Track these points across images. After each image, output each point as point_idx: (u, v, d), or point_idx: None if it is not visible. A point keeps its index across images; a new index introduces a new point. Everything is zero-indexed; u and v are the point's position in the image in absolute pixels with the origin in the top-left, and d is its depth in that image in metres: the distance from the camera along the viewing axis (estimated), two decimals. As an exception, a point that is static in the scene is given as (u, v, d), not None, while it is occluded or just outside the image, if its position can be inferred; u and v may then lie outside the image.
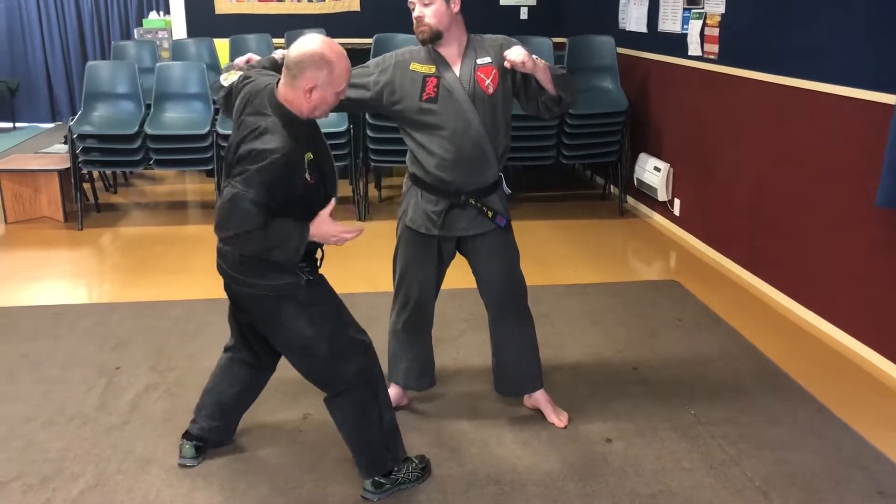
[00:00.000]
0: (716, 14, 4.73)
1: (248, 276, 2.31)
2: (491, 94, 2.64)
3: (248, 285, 2.33)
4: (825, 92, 3.77)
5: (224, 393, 2.67)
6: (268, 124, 2.18)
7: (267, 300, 2.34)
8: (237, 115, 2.30)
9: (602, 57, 5.93)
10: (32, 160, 5.88)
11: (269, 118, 2.20)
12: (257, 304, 2.37)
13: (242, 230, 2.16)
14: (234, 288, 2.39)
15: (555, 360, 3.46)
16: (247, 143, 2.18)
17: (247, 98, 2.30)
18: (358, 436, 2.49)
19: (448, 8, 2.58)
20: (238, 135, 2.25)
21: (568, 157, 5.77)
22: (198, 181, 6.95)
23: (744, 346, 3.63)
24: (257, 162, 2.12)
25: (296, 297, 2.34)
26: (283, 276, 2.31)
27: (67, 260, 4.86)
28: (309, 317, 2.36)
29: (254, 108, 2.25)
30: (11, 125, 9.87)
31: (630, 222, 5.69)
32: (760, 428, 2.93)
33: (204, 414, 2.68)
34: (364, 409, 2.46)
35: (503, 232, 2.83)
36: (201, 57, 6.59)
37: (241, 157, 2.18)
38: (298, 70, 2.17)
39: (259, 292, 2.33)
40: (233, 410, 2.72)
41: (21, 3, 9.88)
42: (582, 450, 2.79)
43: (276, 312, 2.35)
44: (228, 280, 2.38)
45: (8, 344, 3.61)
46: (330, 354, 2.38)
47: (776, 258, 4.23)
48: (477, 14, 7.48)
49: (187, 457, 2.67)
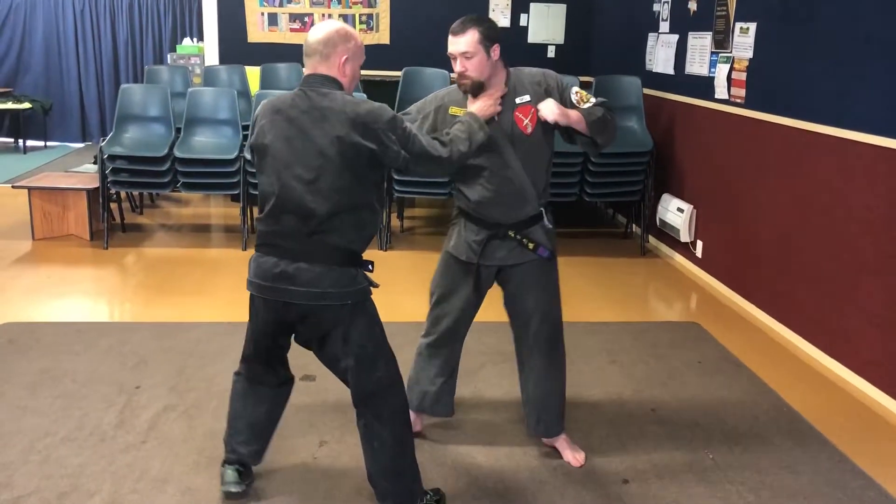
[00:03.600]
0: (743, 59, 4.76)
1: (339, 284, 2.30)
2: (529, 133, 2.67)
3: (335, 297, 2.30)
4: (851, 139, 3.78)
5: (254, 415, 2.61)
6: (343, 102, 2.27)
7: (345, 309, 2.33)
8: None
9: (628, 97, 5.96)
10: (62, 179, 5.99)
11: (335, 96, 2.29)
12: (333, 316, 2.34)
13: (445, 156, 2.39)
14: (306, 308, 2.32)
15: (573, 398, 3.43)
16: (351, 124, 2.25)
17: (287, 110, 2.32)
18: (393, 465, 2.47)
19: (489, 58, 2.61)
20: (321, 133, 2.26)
21: (591, 195, 5.79)
22: (222, 205, 7.03)
23: (764, 391, 3.59)
24: (381, 117, 2.27)
25: (366, 307, 2.39)
26: (363, 281, 2.36)
27: (91, 278, 4.92)
28: (376, 332, 2.41)
29: (320, 113, 2.27)
30: (43, 144, 10.06)
31: (651, 262, 5.67)
32: (780, 476, 2.89)
33: (240, 440, 2.61)
34: (403, 439, 2.46)
35: (544, 264, 2.83)
36: (232, 84, 6.71)
37: (366, 132, 2.25)
38: (329, 47, 2.32)
39: (342, 301, 2.32)
40: (266, 429, 2.66)
41: (59, 26, 10.14)
42: (598, 489, 2.76)
43: (350, 322, 2.35)
44: (306, 300, 2.30)
45: (30, 359, 3.65)
46: (387, 372, 2.43)
47: (798, 303, 4.20)
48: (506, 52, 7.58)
49: (231, 482, 2.59)
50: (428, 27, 7.57)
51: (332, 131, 2.23)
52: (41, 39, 10.16)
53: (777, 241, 4.42)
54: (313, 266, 2.28)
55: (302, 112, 2.27)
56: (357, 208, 2.31)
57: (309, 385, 3.40)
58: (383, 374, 2.43)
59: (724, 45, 5.01)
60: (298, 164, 2.25)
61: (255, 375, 2.60)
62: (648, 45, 6.27)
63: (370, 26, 7.62)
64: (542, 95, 2.66)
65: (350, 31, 2.38)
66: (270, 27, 7.59)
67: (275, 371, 2.61)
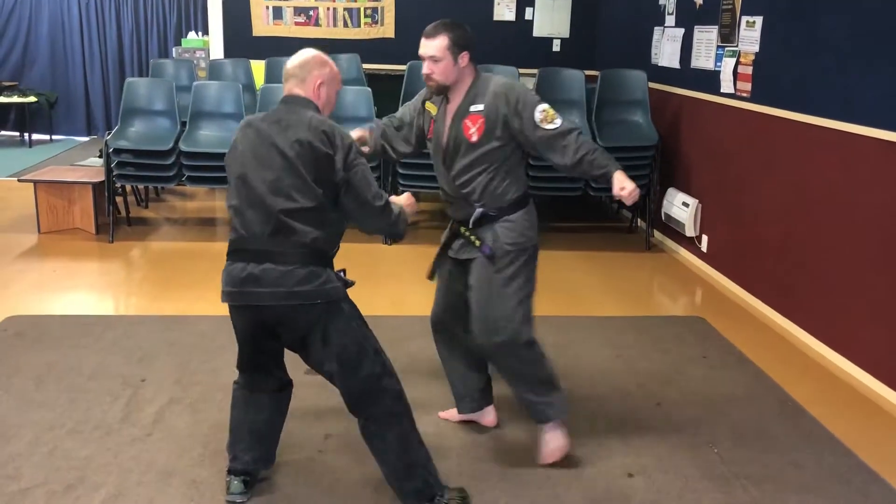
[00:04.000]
0: (750, 53, 4.74)
1: (306, 283, 2.31)
2: (475, 141, 2.72)
3: (303, 295, 2.31)
4: (858, 133, 3.76)
5: (255, 422, 2.60)
6: (309, 117, 2.38)
7: (317, 310, 2.34)
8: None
9: (634, 91, 5.95)
10: (68, 172, 6.00)
11: (305, 112, 2.40)
12: (306, 317, 2.35)
13: (376, 204, 2.43)
14: (278, 309, 2.34)
15: (577, 393, 3.44)
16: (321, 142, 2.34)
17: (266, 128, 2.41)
18: (402, 462, 2.46)
19: (456, 64, 2.70)
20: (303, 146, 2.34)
21: (596, 189, 5.77)
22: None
23: (769, 386, 3.59)
24: (342, 135, 2.38)
25: (341, 306, 2.39)
26: (333, 280, 2.37)
27: (97, 271, 4.93)
28: (355, 330, 2.41)
29: (286, 123, 2.37)
30: (48, 137, 10.07)
31: (656, 257, 5.67)
32: (784, 470, 2.89)
33: (242, 448, 2.60)
34: (405, 433, 2.46)
35: (488, 263, 2.77)
36: (237, 77, 6.71)
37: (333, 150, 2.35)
38: (305, 71, 2.47)
39: (312, 301, 2.32)
40: (270, 435, 2.66)
41: (64, 20, 10.15)
42: (603, 484, 2.77)
43: (326, 323, 2.36)
44: (274, 300, 2.32)
45: (36, 352, 3.66)
46: (374, 370, 2.42)
47: (804, 298, 4.19)
48: (511, 46, 7.60)
49: (236, 492, 2.57)
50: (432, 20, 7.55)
51: (292, 136, 2.33)
52: (46, 33, 10.17)
53: (782, 236, 4.41)
54: (278, 266, 2.30)
55: (270, 123, 2.39)
56: (319, 208, 2.34)
57: (314, 379, 3.40)
58: (369, 372, 2.42)
59: (730, 38, 5.00)
60: (261, 166, 2.34)
61: (252, 382, 2.60)
62: (654, 38, 6.25)
63: (375, 20, 7.62)
64: (500, 108, 2.69)
65: (327, 58, 2.53)
66: (275, 21, 7.59)
67: (271, 375, 2.60)
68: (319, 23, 7.63)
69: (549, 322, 4.24)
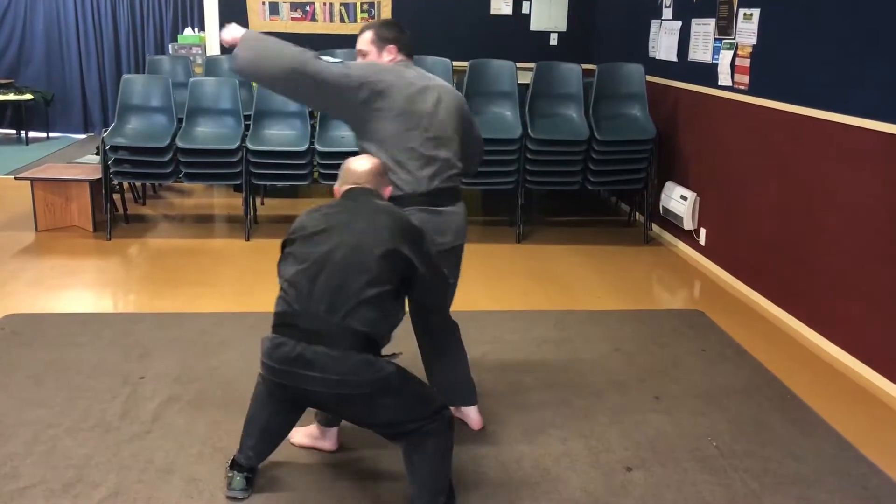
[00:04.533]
0: (747, 45, 4.73)
1: (358, 372, 2.26)
2: None
3: (354, 385, 2.26)
4: (856, 125, 3.76)
5: (270, 422, 2.56)
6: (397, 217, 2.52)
7: (365, 395, 2.30)
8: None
9: (631, 84, 5.94)
10: (65, 170, 5.98)
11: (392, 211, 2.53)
12: (351, 401, 2.32)
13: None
14: (324, 395, 2.30)
15: (576, 387, 3.44)
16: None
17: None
18: (434, 478, 2.42)
19: (380, 57, 2.83)
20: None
21: (594, 184, 5.77)
22: (225, 195, 7.03)
23: (768, 379, 3.59)
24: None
25: (391, 384, 2.33)
26: (385, 367, 2.32)
27: (95, 269, 4.92)
28: (402, 399, 2.37)
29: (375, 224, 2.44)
30: (45, 135, 10.05)
31: (655, 250, 5.66)
32: (784, 463, 2.89)
33: (252, 444, 2.58)
34: (444, 450, 2.42)
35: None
36: (234, 73, 6.68)
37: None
38: (378, 178, 2.62)
39: (362, 390, 2.28)
40: (277, 438, 2.62)
41: (60, 17, 10.11)
42: (601, 478, 2.76)
43: (373, 402, 2.32)
44: (323, 387, 2.27)
45: (34, 350, 3.66)
46: (421, 416, 2.39)
47: (803, 291, 4.19)
48: (508, 40, 7.58)
49: (237, 489, 2.56)
50: (429, 16, 7.55)
51: (384, 242, 2.37)
52: (42, 30, 10.13)
53: (781, 229, 4.41)
54: (331, 350, 2.25)
55: (360, 216, 2.45)
56: (387, 296, 2.34)
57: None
58: (415, 415, 2.38)
59: (727, 31, 4.99)
60: (352, 255, 2.36)
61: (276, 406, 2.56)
62: (651, 31, 6.23)
63: (371, 15, 7.59)
64: None
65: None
66: (272, 16, 7.57)
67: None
68: (316, 18, 7.60)
69: (546, 316, 4.25)
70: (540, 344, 3.89)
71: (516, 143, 5.59)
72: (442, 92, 2.81)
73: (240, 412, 3.10)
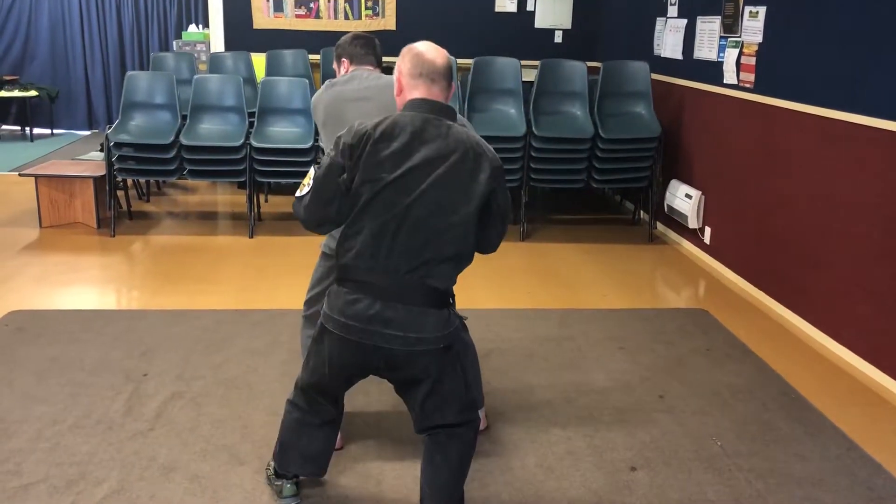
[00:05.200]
0: (753, 43, 4.71)
1: (436, 329, 2.17)
2: None
3: (429, 341, 2.17)
4: (862, 124, 3.74)
5: (307, 448, 2.47)
6: (466, 131, 2.21)
7: (437, 354, 2.20)
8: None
9: (636, 82, 5.92)
10: (69, 166, 5.98)
11: (454, 126, 2.20)
12: (424, 361, 2.21)
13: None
14: (400, 353, 2.17)
15: (580, 385, 3.43)
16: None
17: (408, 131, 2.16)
18: (451, 486, 2.34)
19: (339, 70, 2.91)
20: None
21: (599, 182, 5.75)
22: (229, 192, 7.02)
23: (773, 378, 3.58)
24: (501, 166, 2.22)
25: (456, 349, 2.27)
26: (455, 320, 2.25)
27: (99, 266, 4.92)
28: (457, 370, 2.29)
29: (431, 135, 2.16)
30: (50, 131, 10.06)
31: (659, 249, 5.65)
32: (789, 463, 2.88)
33: (293, 467, 2.50)
34: (466, 457, 2.35)
35: None
36: (238, 70, 6.69)
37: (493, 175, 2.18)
38: (451, 76, 2.25)
39: (436, 346, 2.19)
40: (321, 456, 2.51)
41: (65, 14, 10.12)
42: (606, 477, 2.75)
43: (441, 368, 2.23)
44: (403, 345, 2.16)
45: (38, 347, 3.66)
46: (469, 405, 2.32)
47: (809, 290, 4.17)
48: (512, 37, 7.56)
49: (289, 496, 2.50)
50: (434, 13, 7.53)
51: (486, 172, 2.17)
52: (47, 27, 10.14)
53: (786, 227, 4.39)
54: (411, 307, 2.14)
55: (452, 146, 2.17)
56: (469, 253, 2.22)
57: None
58: (463, 404, 2.30)
59: (733, 29, 4.96)
60: (443, 198, 2.16)
61: (312, 408, 2.43)
62: (657, 29, 6.21)
63: (376, 12, 7.58)
64: None
65: None
66: (276, 13, 7.55)
67: (335, 405, 2.45)
68: (320, 15, 7.59)
69: (551, 315, 4.24)
70: (543, 342, 3.88)
71: (520, 141, 5.58)
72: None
73: (242, 410, 3.12)
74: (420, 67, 2.21)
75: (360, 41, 2.87)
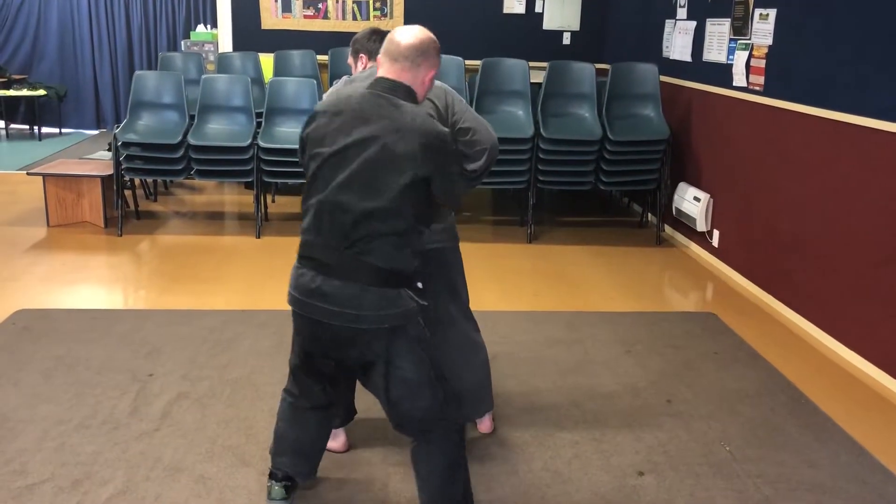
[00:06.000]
0: (763, 45, 4.69)
1: (381, 307, 2.12)
2: None
3: (371, 319, 2.12)
4: (872, 127, 3.71)
5: (299, 440, 2.46)
6: (413, 109, 2.14)
7: (380, 337, 2.16)
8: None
9: (644, 84, 5.89)
10: (77, 166, 5.99)
11: (405, 105, 2.14)
12: (367, 343, 2.17)
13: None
14: (341, 329, 2.15)
15: (587, 389, 3.41)
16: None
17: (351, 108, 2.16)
18: (441, 494, 2.30)
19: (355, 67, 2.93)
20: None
21: (606, 184, 5.73)
22: (236, 192, 7.02)
23: (782, 383, 3.55)
24: (447, 144, 2.14)
25: (407, 331, 2.20)
26: (409, 302, 2.17)
27: (106, 265, 4.92)
28: (416, 358, 2.22)
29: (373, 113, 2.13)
30: (58, 131, 10.08)
31: (667, 252, 5.62)
32: (798, 469, 2.85)
33: (284, 460, 2.48)
34: (455, 464, 2.30)
35: None
36: (246, 70, 6.69)
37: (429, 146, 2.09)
38: (422, 57, 2.19)
39: (383, 325, 2.13)
40: (313, 454, 2.51)
41: (74, 13, 10.15)
42: (613, 482, 2.73)
43: (386, 350, 2.18)
44: (343, 321, 2.13)
45: (44, 346, 3.66)
46: (434, 402, 2.26)
47: (818, 294, 4.15)
48: (520, 39, 7.55)
49: (277, 499, 2.48)
50: (442, 13, 7.52)
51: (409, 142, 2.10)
52: (56, 26, 10.17)
53: (795, 231, 4.36)
54: (348, 284, 2.11)
55: (369, 114, 2.15)
56: (402, 212, 2.14)
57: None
58: (430, 403, 2.25)
59: (742, 31, 4.94)
60: (359, 167, 2.13)
61: (302, 391, 2.41)
62: (665, 31, 6.19)
63: (384, 13, 7.57)
64: None
65: (438, 44, 2.28)
66: (284, 14, 7.56)
67: (324, 388, 2.40)
68: (328, 16, 7.59)
69: (557, 317, 4.22)
70: (551, 345, 3.86)
71: (528, 143, 5.56)
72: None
73: (248, 410, 3.11)
74: (386, 46, 2.23)
75: (377, 36, 2.84)
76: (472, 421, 3.02)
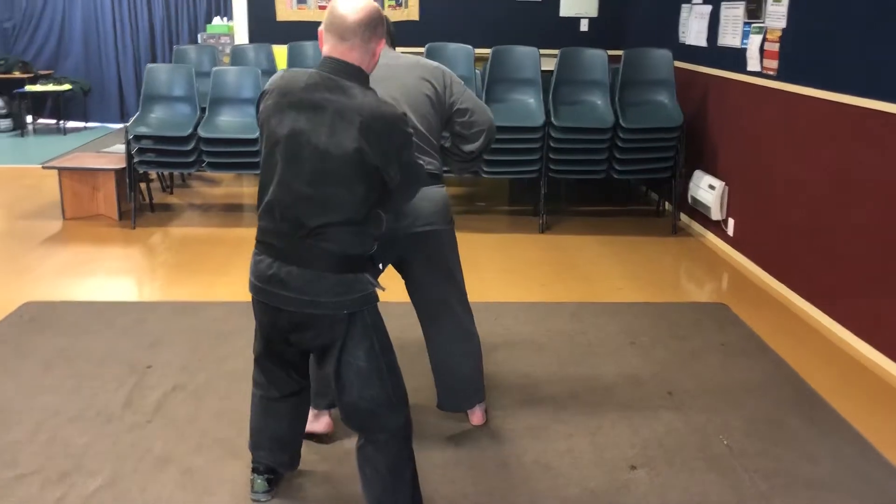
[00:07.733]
0: (776, 29, 4.55)
1: (338, 293, 2.09)
2: None
3: (329, 306, 2.09)
4: (889, 111, 3.58)
5: (274, 431, 2.45)
6: (362, 92, 2.05)
7: (338, 323, 2.12)
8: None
9: (659, 71, 5.77)
10: (92, 159, 6.04)
11: (354, 88, 2.05)
12: (326, 328, 2.13)
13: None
14: (298, 315, 2.12)
15: (587, 380, 3.35)
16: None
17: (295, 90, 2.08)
18: (382, 499, 2.26)
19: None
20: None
21: (620, 172, 5.63)
22: (253, 185, 7.04)
23: (788, 375, 3.45)
24: (397, 127, 2.05)
25: (364, 317, 2.15)
26: (367, 287, 2.14)
27: (116, 257, 4.96)
28: (369, 346, 2.17)
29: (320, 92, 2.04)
30: (83, 125, 10.22)
31: (682, 241, 5.51)
32: (798, 464, 2.77)
33: (263, 453, 2.49)
34: (398, 470, 2.25)
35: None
36: (259, 62, 6.69)
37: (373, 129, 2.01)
38: (370, 32, 2.07)
39: (341, 311, 2.10)
40: (291, 441, 2.50)
41: (98, 10, 10.27)
42: (604, 476, 2.68)
43: (343, 335, 2.14)
44: (300, 306, 2.10)
45: (47, 337, 3.69)
46: (384, 393, 2.20)
47: (833, 284, 4.03)
48: (537, 26, 7.45)
49: (259, 491, 2.49)
50: (458, 2, 7.45)
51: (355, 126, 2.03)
52: (80, 23, 10.31)
53: (811, 219, 4.24)
54: (305, 270, 2.08)
55: (319, 101, 2.07)
56: (362, 201, 2.08)
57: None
58: (378, 393, 2.18)
59: (756, 14, 4.81)
60: (309, 157, 2.10)
61: (268, 379, 2.39)
62: (682, 16, 6.06)
63: (399, 2, 7.52)
64: None
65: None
66: (299, 5, 7.54)
67: (289, 374, 2.37)
68: (343, 6, 7.55)
69: (563, 308, 4.16)
70: (554, 336, 3.80)
71: (539, 132, 5.49)
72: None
73: (242, 403, 3.10)
74: (330, 20, 2.08)
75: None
76: (464, 412, 2.98)
